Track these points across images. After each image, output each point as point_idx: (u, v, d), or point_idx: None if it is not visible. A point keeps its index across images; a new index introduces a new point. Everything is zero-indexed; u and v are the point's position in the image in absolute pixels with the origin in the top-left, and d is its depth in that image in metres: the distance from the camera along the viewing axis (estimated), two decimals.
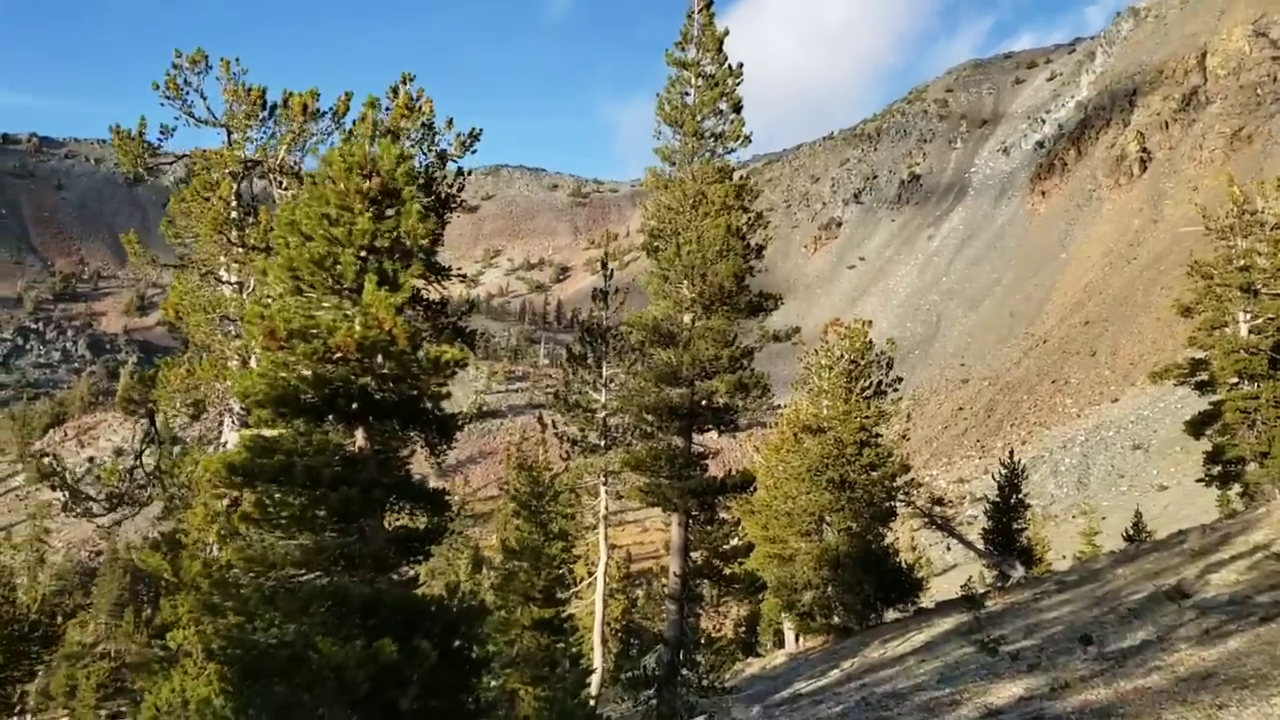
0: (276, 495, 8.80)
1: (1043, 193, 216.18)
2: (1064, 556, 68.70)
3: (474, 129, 19.43)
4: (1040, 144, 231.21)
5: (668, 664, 19.29)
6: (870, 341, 32.34)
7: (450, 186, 18.81)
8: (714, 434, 20.31)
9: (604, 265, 22.08)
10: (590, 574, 22.58)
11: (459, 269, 19.42)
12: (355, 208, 8.95)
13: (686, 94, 19.73)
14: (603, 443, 21.41)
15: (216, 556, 11.05)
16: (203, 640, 9.81)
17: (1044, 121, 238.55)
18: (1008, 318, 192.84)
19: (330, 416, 9.15)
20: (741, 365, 19.28)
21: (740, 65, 19.31)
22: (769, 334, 19.74)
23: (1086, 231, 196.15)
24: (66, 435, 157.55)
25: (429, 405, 9.37)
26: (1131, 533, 42.84)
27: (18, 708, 37.63)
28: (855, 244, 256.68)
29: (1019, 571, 34.43)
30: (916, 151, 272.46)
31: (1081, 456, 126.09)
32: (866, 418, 30.88)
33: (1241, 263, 30.26)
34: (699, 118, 19.41)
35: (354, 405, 9.07)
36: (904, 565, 32.20)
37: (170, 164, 19.32)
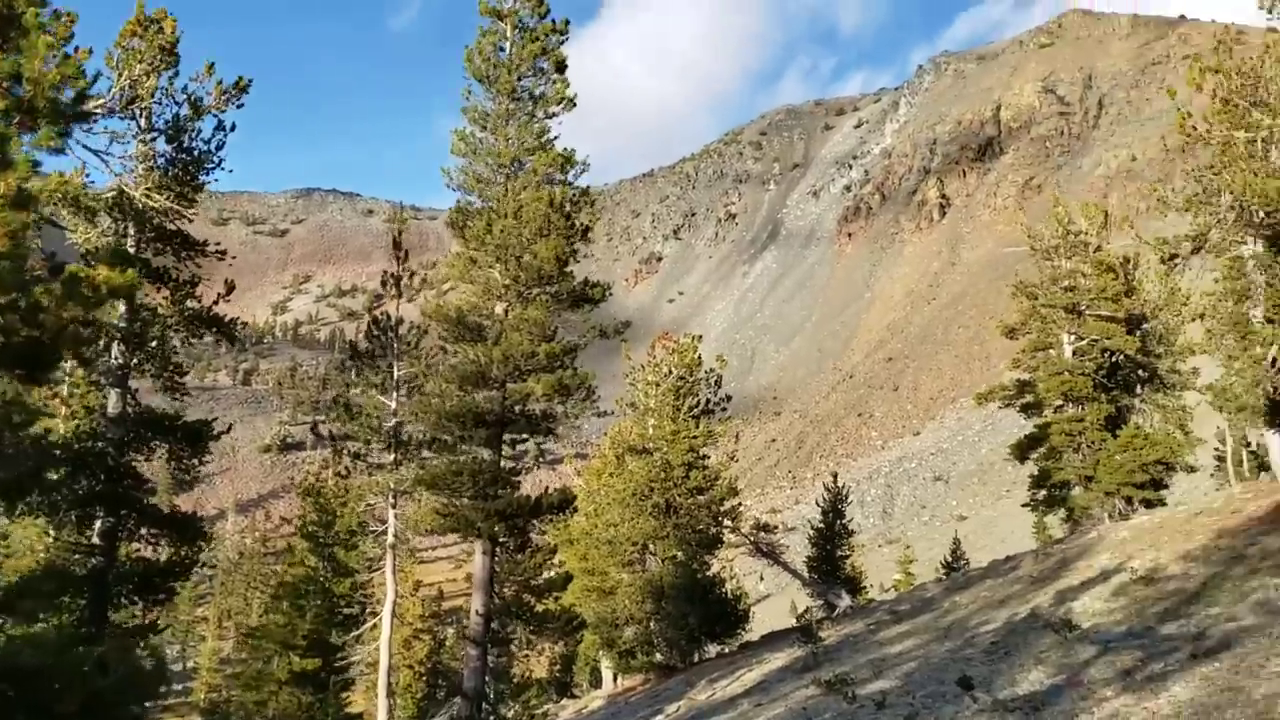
0: None
1: (849, 234, 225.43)
2: (880, 585, 69.26)
3: (240, 79, 16.11)
4: (848, 188, 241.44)
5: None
6: (700, 357, 30.35)
7: (207, 143, 15.41)
8: (529, 445, 17.49)
9: (396, 245, 18.93)
10: (376, 614, 19.15)
11: (218, 246, 15.92)
12: None
13: (501, 48, 17.06)
14: (393, 457, 18.16)
15: None
16: None
17: (851, 167, 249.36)
18: (817, 353, 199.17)
19: None
20: (562, 363, 16.56)
21: (566, 21, 16.79)
22: (596, 329, 17.13)
23: (890, 272, 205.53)
24: None
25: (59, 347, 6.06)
26: (950, 560, 42.61)
27: None
28: (675, 279, 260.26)
29: (845, 600, 33.03)
30: (733, 191, 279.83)
31: (886, 487, 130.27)
32: (694, 438, 28.75)
33: (1066, 283, 30.04)
34: (516, 75, 16.75)
35: None
36: (730, 596, 30.13)
37: None
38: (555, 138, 17.04)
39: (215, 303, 15.87)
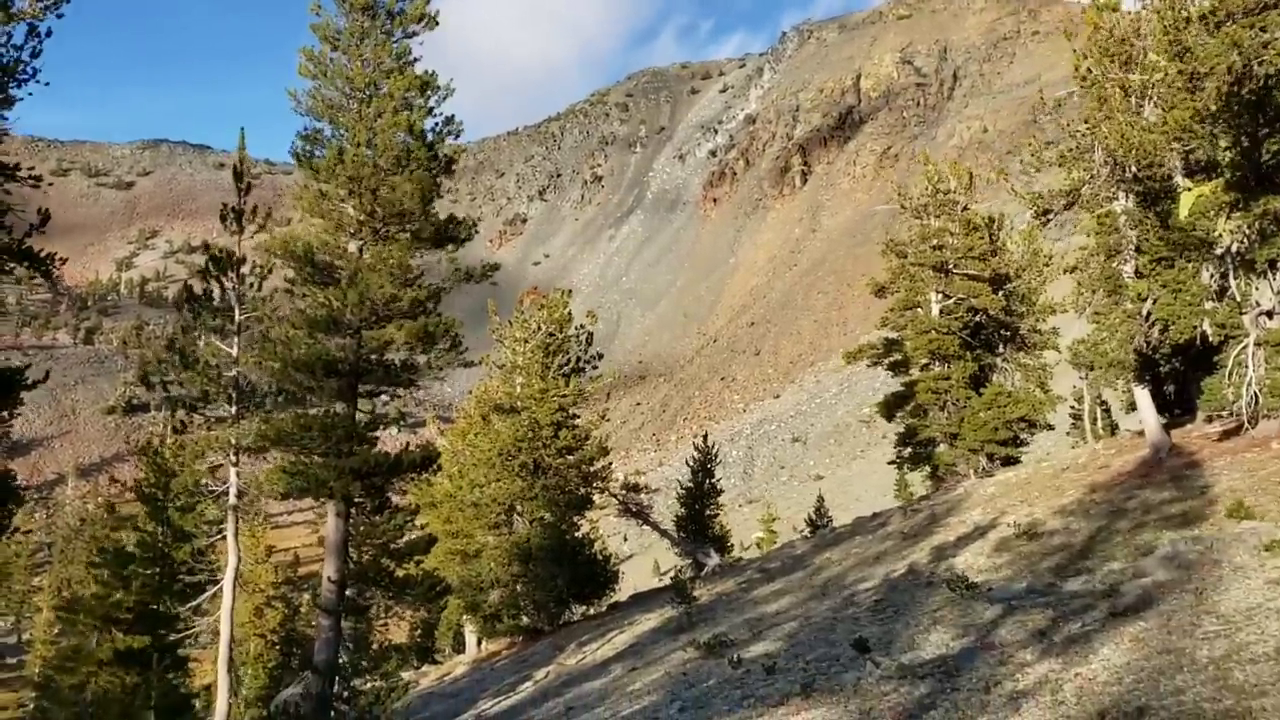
0: None
1: (714, 200, 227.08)
2: (741, 543, 70.02)
3: None
4: (713, 153, 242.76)
5: (317, 696, 14.79)
6: (570, 314, 29.17)
7: (19, 50, 13.25)
8: (386, 399, 15.96)
9: (237, 176, 16.81)
10: (217, 582, 17.26)
11: (31, 171, 13.79)
12: None
13: None
14: (233, 410, 16.23)
15: None
16: None
17: (716, 132, 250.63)
18: (682, 318, 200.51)
19: None
20: (425, 309, 15.04)
21: None
22: (461, 271, 15.61)
23: (753, 238, 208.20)
24: None
25: None
26: (814, 518, 42.93)
27: None
28: (540, 240, 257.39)
29: (714, 559, 32.67)
30: (599, 153, 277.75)
31: (746, 449, 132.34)
32: (564, 396, 27.64)
33: (935, 242, 30.06)
34: None
35: None
36: (599, 556, 29.29)
37: None
38: (416, 59, 15.39)
39: (28, 234, 13.72)
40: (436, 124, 15.49)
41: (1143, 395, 20.68)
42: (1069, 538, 14.14)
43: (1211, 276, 18.23)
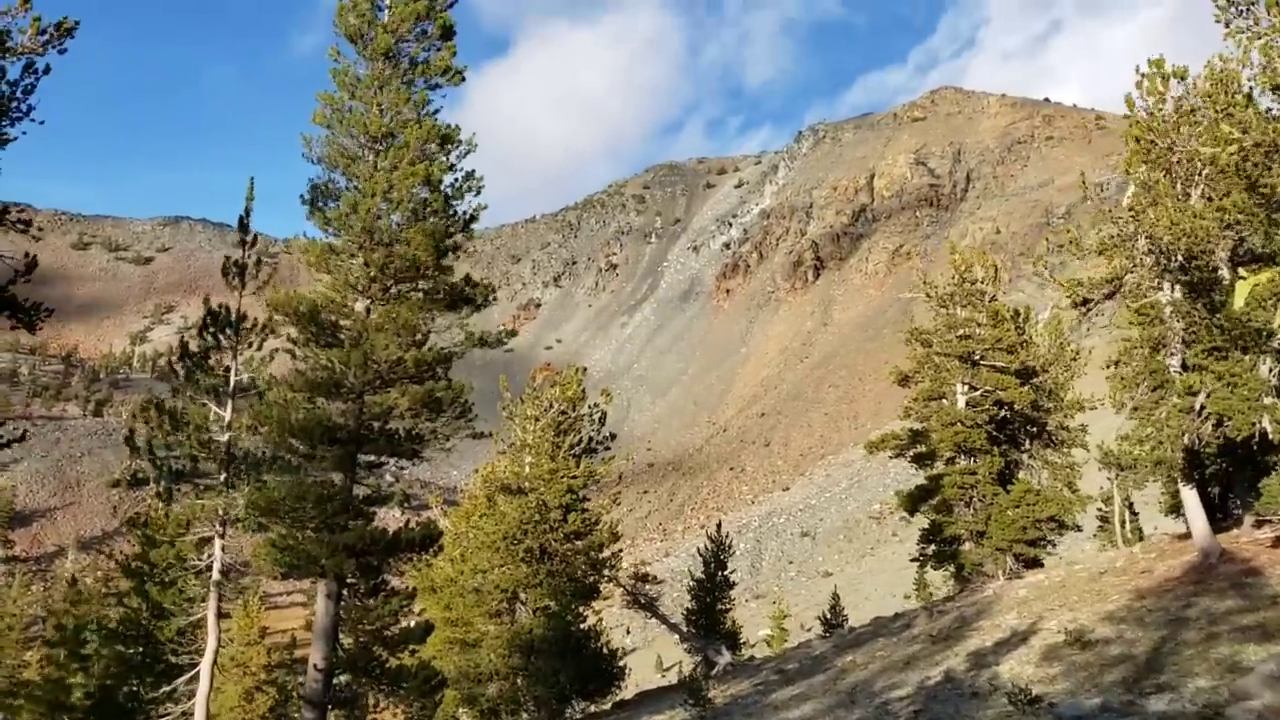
0: None
1: (727, 291, 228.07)
2: (750, 641, 67.68)
3: (65, 19, 13.39)
4: (727, 245, 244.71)
5: None
6: (583, 391, 28.17)
7: (12, 86, 12.61)
8: (390, 469, 14.84)
9: (242, 227, 15.93)
10: (195, 666, 15.80)
11: (21, 214, 13.03)
12: None
13: (380, 5, 14.64)
14: (223, 476, 15.09)
15: None
16: None
17: (731, 225, 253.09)
18: (692, 406, 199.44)
19: None
20: (434, 374, 14.04)
21: None
22: (475, 336, 14.60)
23: (765, 329, 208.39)
24: None
25: None
26: (829, 617, 41.17)
27: None
28: (554, 326, 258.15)
29: (726, 657, 31.03)
30: (614, 242, 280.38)
31: (755, 542, 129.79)
32: (574, 478, 26.47)
33: (961, 331, 29.13)
34: (395, 36, 14.35)
35: None
36: (606, 650, 27.71)
37: None
38: (436, 111, 14.74)
39: (11, 282, 12.88)
40: (456, 180, 14.73)
41: (1190, 496, 19.43)
42: (1128, 648, 12.85)
43: (1271, 370, 17.19)
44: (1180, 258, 19.34)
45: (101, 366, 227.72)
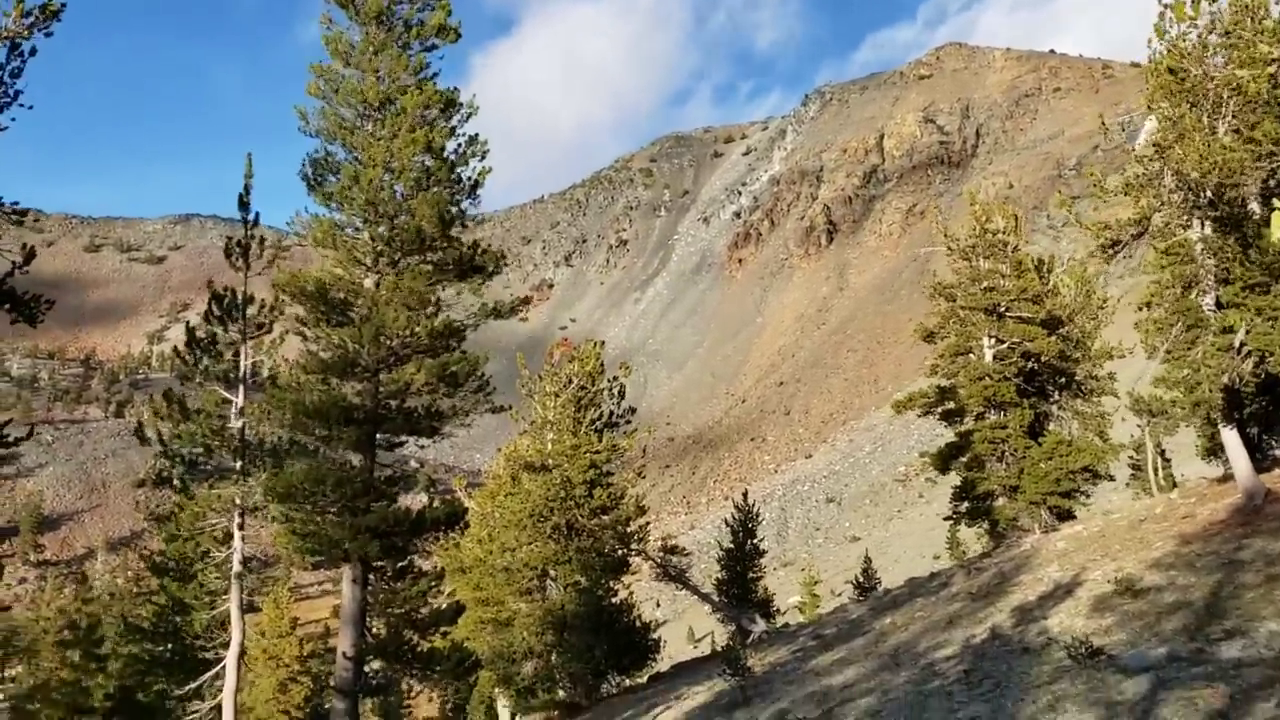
0: None
1: (740, 260, 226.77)
2: (781, 609, 67.50)
3: (50, 2, 12.98)
4: (737, 214, 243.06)
5: None
6: (602, 365, 27.76)
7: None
8: (411, 447, 14.45)
9: (243, 206, 15.44)
10: (220, 661, 15.53)
11: (15, 205, 12.66)
12: None
13: None
14: (238, 464, 14.73)
15: None
16: None
17: (740, 194, 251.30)
18: (709, 379, 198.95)
19: None
20: (448, 345, 13.63)
21: None
22: (488, 307, 14.16)
23: (780, 298, 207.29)
24: None
25: None
26: (861, 580, 40.81)
27: None
28: (567, 305, 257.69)
29: (760, 625, 30.70)
30: (623, 218, 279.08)
31: (780, 510, 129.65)
32: (597, 453, 26.10)
33: (986, 284, 28.47)
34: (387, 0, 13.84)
35: None
36: (639, 623, 27.43)
37: None
38: (435, 75, 14.21)
39: (9, 274, 12.52)
40: (459, 145, 14.24)
41: (1231, 437, 18.86)
42: (1183, 594, 12.37)
43: None
44: (1209, 194, 18.71)
45: (120, 368, 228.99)
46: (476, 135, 14.16)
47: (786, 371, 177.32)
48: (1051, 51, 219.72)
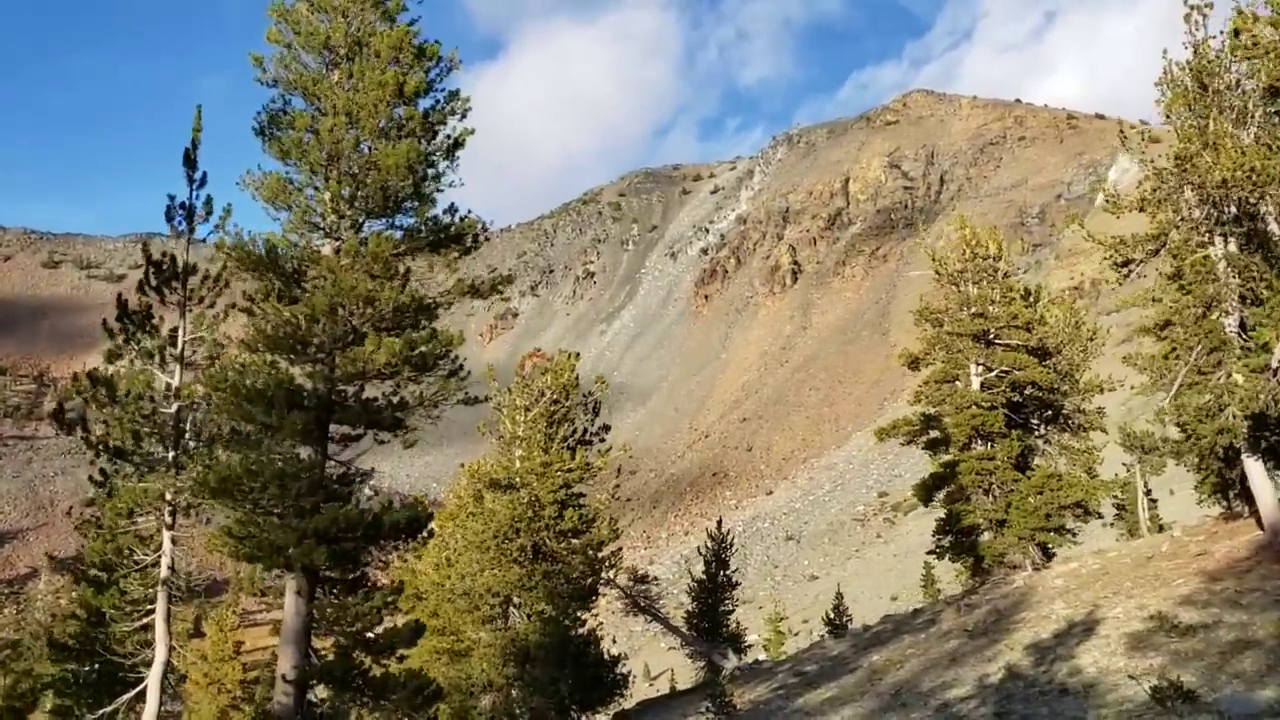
0: None
1: (706, 296, 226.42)
2: (750, 644, 65.67)
3: None
4: (704, 251, 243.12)
5: None
6: (577, 378, 26.15)
7: None
8: (367, 441, 12.64)
9: (188, 162, 13.62)
10: (140, 681, 13.51)
11: None
12: None
13: None
14: (171, 454, 12.85)
15: None
16: None
17: (708, 231, 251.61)
18: (673, 413, 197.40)
19: None
20: (416, 322, 11.89)
21: None
22: (465, 283, 12.47)
23: (744, 335, 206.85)
24: None
25: None
26: (833, 617, 39.27)
27: None
28: (531, 335, 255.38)
29: (732, 661, 29.04)
30: (591, 250, 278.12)
31: (740, 546, 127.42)
32: (570, 471, 24.41)
33: (975, 309, 27.31)
34: None
35: None
36: (608, 656, 25.63)
37: None
38: (415, 21, 12.48)
39: None
40: (437, 100, 12.64)
41: (1256, 468, 17.64)
42: (1241, 632, 10.99)
43: None
44: (1233, 208, 17.63)
45: (74, 386, 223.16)
46: (457, 91, 12.51)
47: (749, 408, 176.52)
48: (1018, 100, 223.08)
